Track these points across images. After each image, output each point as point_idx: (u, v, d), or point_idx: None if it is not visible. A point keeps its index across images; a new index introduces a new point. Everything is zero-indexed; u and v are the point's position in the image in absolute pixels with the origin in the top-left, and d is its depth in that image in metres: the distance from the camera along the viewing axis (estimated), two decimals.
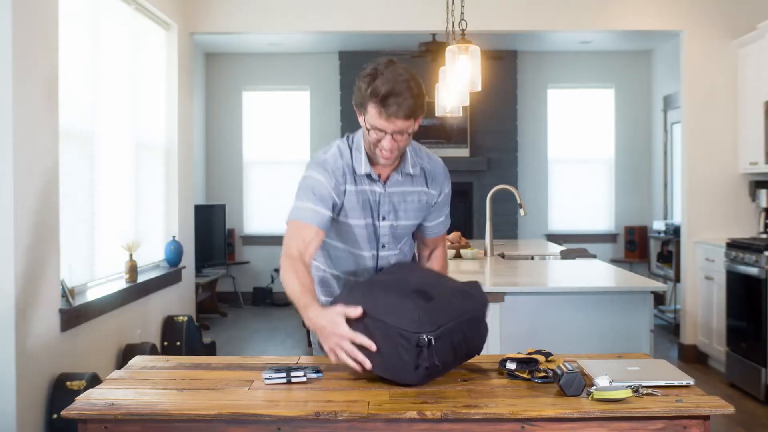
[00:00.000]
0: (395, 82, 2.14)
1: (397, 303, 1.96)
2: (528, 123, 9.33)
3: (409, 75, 2.18)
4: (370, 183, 2.34)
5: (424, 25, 6.21)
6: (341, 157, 2.33)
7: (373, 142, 2.23)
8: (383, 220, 2.38)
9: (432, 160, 2.44)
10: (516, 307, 3.50)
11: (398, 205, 2.38)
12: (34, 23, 3.62)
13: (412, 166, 2.36)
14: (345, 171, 2.32)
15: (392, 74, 2.15)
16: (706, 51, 6.15)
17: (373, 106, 2.17)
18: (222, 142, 9.44)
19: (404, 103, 2.14)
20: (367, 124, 2.22)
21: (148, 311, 5.20)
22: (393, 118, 2.16)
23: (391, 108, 2.14)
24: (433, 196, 2.43)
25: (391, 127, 2.18)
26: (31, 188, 3.58)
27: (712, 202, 6.14)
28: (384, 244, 2.42)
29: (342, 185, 2.32)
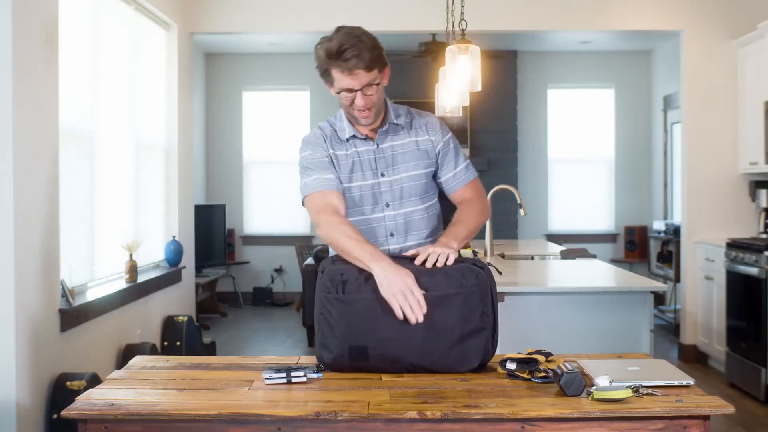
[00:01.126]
0: (347, 37, 2.19)
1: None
2: (528, 123, 9.33)
3: (360, 31, 2.23)
4: (359, 144, 2.37)
5: (424, 25, 6.21)
6: (320, 130, 2.41)
7: (347, 104, 2.28)
8: (382, 176, 2.37)
9: (422, 114, 2.46)
10: (516, 307, 3.50)
11: (396, 158, 2.38)
12: (34, 23, 3.62)
13: (396, 117, 2.38)
14: (325, 139, 2.38)
15: (342, 33, 2.21)
16: (706, 51, 6.15)
17: (334, 67, 2.21)
18: (222, 142, 9.44)
19: (361, 54, 2.18)
20: (335, 89, 2.27)
21: (148, 311, 5.20)
22: (355, 71, 2.19)
23: (350, 62, 2.18)
24: (433, 143, 2.41)
25: (358, 81, 2.21)
26: (31, 188, 3.58)
27: (712, 202, 6.14)
28: (388, 203, 2.38)
29: (327, 151, 2.36)
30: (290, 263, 9.37)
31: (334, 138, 2.38)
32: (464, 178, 2.45)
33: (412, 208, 2.41)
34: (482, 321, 2.07)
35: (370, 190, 2.37)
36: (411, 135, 2.40)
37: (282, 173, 9.47)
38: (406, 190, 2.38)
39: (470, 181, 2.46)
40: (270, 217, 9.49)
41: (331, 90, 2.31)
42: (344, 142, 2.37)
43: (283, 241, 9.39)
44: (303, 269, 6.92)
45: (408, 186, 2.38)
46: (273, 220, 9.49)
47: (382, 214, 2.39)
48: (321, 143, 2.37)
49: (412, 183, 2.39)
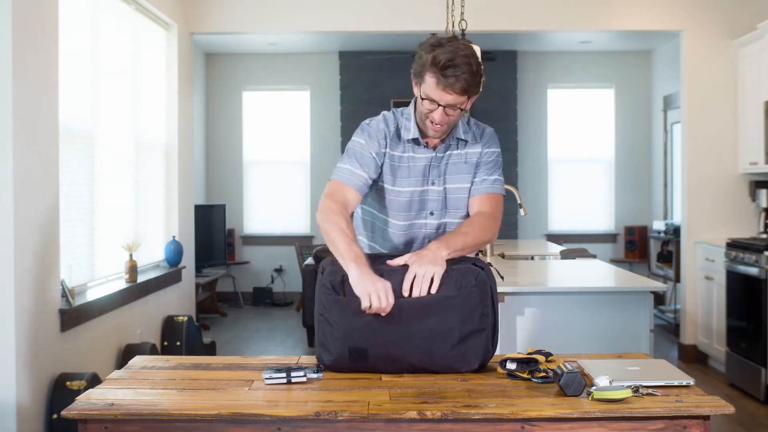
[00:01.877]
0: (456, 55, 2.14)
1: None
2: (528, 123, 9.33)
3: (471, 51, 2.18)
4: (416, 149, 2.35)
5: (424, 25, 6.21)
6: (385, 123, 2.36)
7: (424, 112, 2.24)
8: (432, 185, 2.36)
9: (479, 125, 2.44)
10: (516, 307, 3.50)
11: (448, 169, 2.36)
12: (34, 23, 3.63)
13: (464, 132, 2.36)
14: (386, 135, 2.34)
15: (454, 47, 2.16)
16: (706, 51, 6.15)
17: (431, 75, 2.17)
18: (222, 142, 9.44)
19: (462, 76, 2.15)
20: (422, 93, 2.23)
21: (148, 311, 5.20)
22: (449, 90, 2.16)
23: (449, 79, 2.15)
24: (479, 154, 2.39)
25: (446, 99, 2.18)
26: (31, 188, 3.58)
27: (712, 202, 6.14)
28: (432, 211, 2.38)
29: (383, 148, 2.33)
30: (290, 263, 9.37)
31: (395, 136, 2.35)
32: (487, 187, 2.37)
33: (454, 219, 2.40)
34: (482, 322, 2.07)
35: (419, 197, 2.37)
36: (467, 147, 2.38)
37: (282, 173, 9.48)
38: (452, 202, 2.38)
39: (491, 193, 2.37)
40: (270, 217, 9.49)
41: (416, 89, 2.28)
42: (403, 142, 2.35)
43: (283, 241, 9.39)
44: (303, 269, 6.93)
45: (454, 198, 2.38)
46: (273, 220, 9.49)
47: (425, 221, 2.39)
48: (380, 138, 2.34)
49: (458, 195, 2.38)
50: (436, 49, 2.17)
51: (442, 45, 2.17)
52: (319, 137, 9.40)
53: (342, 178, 2.31)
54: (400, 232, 2.39)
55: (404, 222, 2.38)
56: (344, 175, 2.31)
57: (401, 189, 2.35)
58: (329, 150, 9.33)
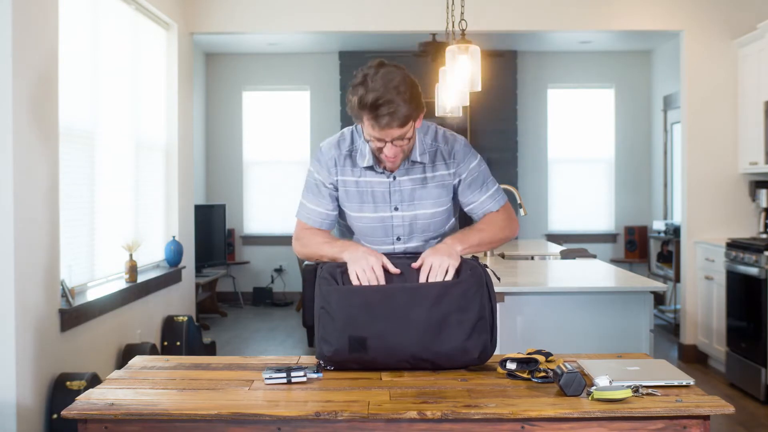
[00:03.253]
0: (385, 89, 2.05)
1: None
2: (528, 123, 9.33)
3: (400, 78, 2.08)
4: (375, 175, 2.27)
5: (424, 25, 6.21)
6: (338, 147, 2.29)
7: (375, 150, 2.19)
8: (395, 210, 2.28)
9: (449, 139, 2.31)
10: (516, 307, 3.50)
11: (413, 193, 2.27)
12: (33, 23, 3.63)
13: (420, 154, 2.25)
14: (336, 161, 2.28)
15: (381, 81, 2.06)
16: (706, 51, 6.15)
17: (366, 118, 2.10)
18: (222, 142, 9.44)
19: (397, 111, 2.06)
20: (365, 134, 2.17)
21: (148, 311, 5.20)
22: (388, 128, 2.08)
23: (384, 119, 2.06)
24: (453, 175, 2.29)
25: (389, 135, 2.11)
26: (31, 188, 3.58)
27: (712, 202, 6.14)
28: (399, 237, 2.31)
29: (333, 176, 2.28)
30: (290, 263, 9.37)
31: (348, 161, 2.26)
32: (490, 206, 2.33)
33: (422, 243, 2.33)
34: (480, 312, 2.08)
35: (381, 223, 2.29)
36: (432, 170, 2.28)
37: (282, 173, 9.48)
38: (420, 226, 2.31)
39: (500, 207, 2.35)
40: (270, 217, 9.49)
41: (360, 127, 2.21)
42: (360, 168, 2.27)
43: (283, 241, 9.39)
44: (303, 269, 6.93)
45: (422, 223, 2.31)
46: (273, 220, 9.49)
47: (392, 246, 2.31)
48: (330, 166, 2.28)
49: (426, 220, 2.31)
50: (361, 90, 2.08)
51: (366, 82, 2.08)
52: (319, 137, 9.38)
53: (305, 218, 2.34)
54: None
55: (377, 247, 2.29)
56: (305, 215, 2.34)
57: (361, 215, 2.30)
58: None
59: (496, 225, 2.30)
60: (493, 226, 2.30)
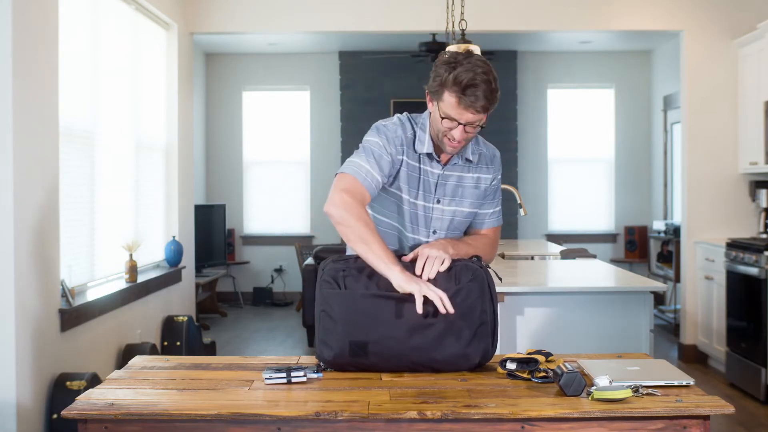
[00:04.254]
0: (476, 73, 2.12)
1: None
2: (528, 123, 9.33)
3: (488, 68, 2.17)
4: (428, 163, 2.30)
5: (424, 25, 6.21)
6: (402, 129, 2.31)
7: (443, 131, 2.21)
8: (438, 203, 2.32)
9: (488, 146, 2.41)
10: (516, 307, 3.50)
11: (455, 190, 2.33)
12: (34, 23, 3.63)
13: (472, 153, 2.33)
14: (404, 141, 2.29)
15: (473, 65, 2.14)
16: (706, 51, 6.15)
17: (451, 94, 2.14)
18: (222, 142, 9.44)
19: (483, 95, 2.13)
20: (441, 111, 2.19)
21: (148, 311, 5.20)
22: (470, 109, 2.14)
23: (470, 98, 2.13)
24: (488, 181, 2.38)
25: (466, 117, 2.16)
26: (31, 188, 3.58)
27: (712, 202, 6.14)
28: (435, 230, 2.33)
29: (399, 155, 2.28)
30: (290, 263, 9.37)
31: (411, 145, 2.30)
32: (492, 221, 2.43)
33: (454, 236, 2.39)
34: (481, 317, 2.08)
35: (423, 212, 2.33)
36: (476, 171, 2.35)
37: (282, 173, 9.48)
38: (456, 223, 2.36)
39: (495, 227, 2.45)
40: (270, 217, 9.49)
41: (431, 105, 2.23)
42: (416, 154, 2.29)
43: (283, 241, 9.39)
44: (303, 269, 6.92)
45: (459, 220, 2.36)
46: (273, 220, 9.49)
47: (428, 239, 2.33)
48: (397, 144, 2.28)
49: (463, 218, 2.37)
50: (457, 68, 2.14)
51: (461, 63, 2.15)
52: (319, 137, 9.40)
53: (358, 176, 2.20)
54: (407, 243, 2.34)
55: (411, 234, 2.33)
56: (361, 174, 2.21)
57: (414, 201, 2.32)
58: (329, 150, 9.33)
59: (482, 244, 2.37)
60: (480, 244, 2.36)
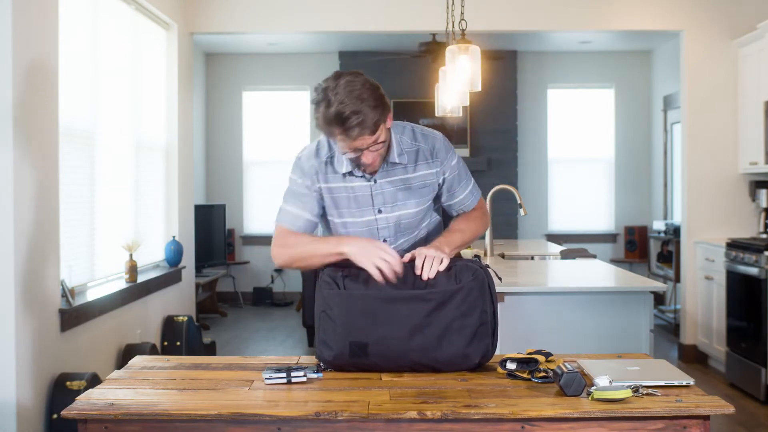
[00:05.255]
0: (350, 99, 2.04)
1: None
2: (528, 123, 9.33)
3: (361, 85, 2.07)
4: (355, 180, 2.27)
5: (424, 25, 6.21)
6: (316, 156, 2.29)
7: (353, 160, 2.19)
8: (379, 213, 2.30)
9: (428, 137, 2.32)
10: (516, 307, 3.50)
11: (395, 195, 2.29)
12: (34, 23, 3.63)
13: (399, 155, 2.26)
14: (318, 170, 2.27)
15: (344, 92, 2.05)
16: (706, 51, 6.15)
17: (337, 132, 2.09)
18: (222, 142, 9.44)
19: (365, 120, 2.06)
20: (340, 148, 2.16)
21: (148, 311, 5.20)
22: (359, 138, 2.08)
23: (354, 131, 2.06)
24: (436, 175, 2.32)
25: (363, 144, 2.12)
26: (31, 188, 3.58)
27: (712, 202, 6.14)
28: (385, 239, 2.32)
29: (316, 184, 2.28)
30: None
31: (330, 168, 2.26)
32: (473, 200, 2.42)
33: (409, 239, 2.37)
34: (481, 317, 2.08)
35: (367, 227, 2.31)
36: (414, 170, 2.29)
37: (282, 173, 9.40)
38: (404, 226, 2.34)
39: (477, 203, 2.44)
40: (270, 217, 9.43)
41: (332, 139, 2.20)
42: (340, 174, 2.27)
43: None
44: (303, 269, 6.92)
45: (406, 222, 2.34)
46: (273, 220, 9.46)
47: None
48: (312, 173, 2.27)
49: (410, 219, 2.34)
50: (326, 106, 2.06)
51: (329, 96, 2.05)
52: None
53: (287, 224, 2.29)
54: None
55: None
56: (287, 219, 2.29)
57: (348, 220, 2.30)
58: None
59: (473, 222, 2.39)
60: (470, 223, 2.37)
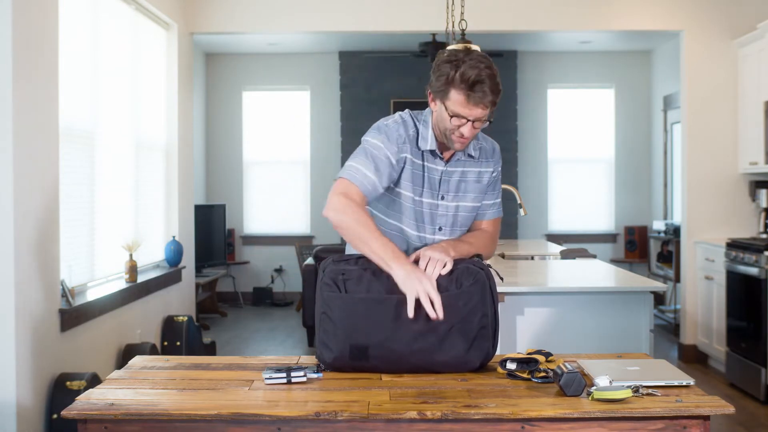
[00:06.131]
0: (481, 69, 2.14)
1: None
2: (528, 123, 9.33)
3: (490, 63, 2.18)
4: (431, 160, 2.31)
5: (424, 25, 6.21)
6: (404, 127, 2.30)
7: (450, 128, 2.21)
8: (442, 199, 2.32)
9: (487, 140, 2.43)
10: (516, 307, 3.50)
11: (459, 186, 2.34)
12: (34, 23, 3.63)
13: (473, 148, 2.35)
14: (406, 140, 2.29)
15: (476, 61, 2.15)
16: (706, 51, 6.15)
17: (459, 92, 2.15)
18: (222, 142, 9.44)
19: (490, 90, 2.15)
20: (448, 110, 2.19)
21: (148, 311, 5.20)
22: (480, 105, 2.16)
23: (478, 94, 2.14)
24: (490, 174, 2.39)
25: (475, 113, 2.17)
26: (31, 188, 3.58)
27: (712, 202, 6.14)
28: (441, 227, 2.34)
29: (403, 153, 2.28)
30: (290, 263, 9.37)
31: (414, 142, 2.29)
32: (493, 213, 2.45)
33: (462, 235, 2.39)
34: (482, 321, 2.08)
35: (429, 209, 2.33)
36: (478, 165, 2.36)
37: (282, 173, 9.48)
38: (461, 219, 2.37)
39: (496, 218, 2.46)
40: (270, 217, 9.49)
41: (433, 105, 2.24)
42: (420, 151, 2.30)
43: (283, 241, 9.39)
44: (303, 269, 6.92)
45: (463, 215, 2.37)
46: (273, 220, 9.49)
47: (433, 236, 2.34)
48: (399, 143, 2.27)
49: (468, 213, 2.38)
50: (460, 65, 2.14)
51: (464, 60, 2.15)
52: (319, 137, 9.39)
53: (355, 180, 2.21)
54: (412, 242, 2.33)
55: (416, 233, 2.33)
56: (357, 177, 2.21)
57: (420, 198, 2.32)
58: (329, 150, 9.33)
59: (482, 241, 2.38)
60: (480, 241, 2.37)
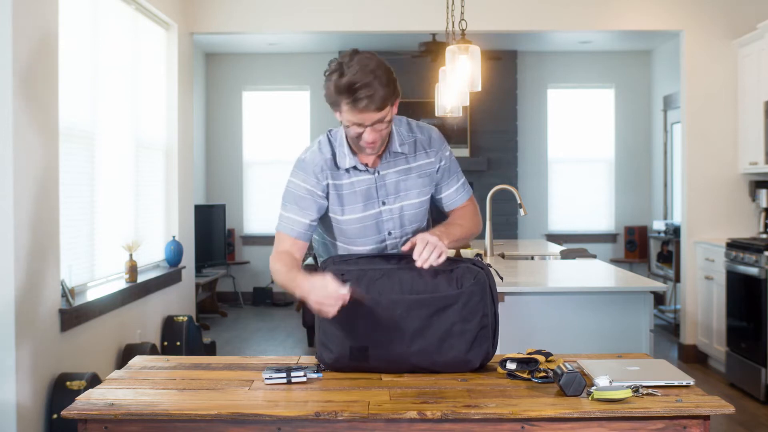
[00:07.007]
0: (362, 73, 2.09)
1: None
2: (528, 123, 9.33)
3: (376, 63, 2.13)
4: (357, 174, 2.28)
5: (424, 25, 6.21)
6: (320, 153, 2.29)
7: (353, 137, 2.19)
8: (383, 205, 2.30)
9: (423, 129, 2.36)
10: (516, 307, 3.50)
11: (397, 186, 2.30)
12: (34, 23, 3.62)
13: (400, 144, 2.29)
14: (324, 167, 2.27)
15: (358, 66, 2.10)
16: (706, 51, 6.15)
17: (344, 102, 2.11)
18: (222, 142, 9.44)
19: (375, 94, 2.08)
20: (344, 121, 2.18)
21: (148, 311, 5.20)
22: (366, 111, 2.10)
23: (362, 102, 2.09)
24: (433, 164, 2.33)
25: (368, 118, 2.13)
26: (31, 188, 3.58)
27: (712, 202, 6.14)
28: (390, 231, 2.33)
29: (324, 181, 2.27)
30: None
31: (333, 165, 2.27)
32: (463, 196, 2.41)
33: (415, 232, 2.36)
34: (482, 321, 2.08)
35: (373, 220, 2.31)
36: (414, 160, 2.31)
37: (282, 173, 9.45)
38: (408, 217, 2.34)
39: (468, 199, 2.43)
40: (270, 217, 9.48)
41: (337, 116, 2.22)
42: (343, 170, 2.27)
43: None
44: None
45: (410, 213, 2.34)
46: (273, 220, 9.43)
47: (384, 243, 2.34)
48: (316, 172, 2.27)
49: (413, 210, 2.34)
50: (338, 76, 2.10)
51: (343, 68, 2.11)
52: None
53: (284, 229, 2.30)
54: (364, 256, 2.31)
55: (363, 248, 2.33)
56: (286, 226, 2.30)
57: (351, 216, 2.30)
58: None
59: (470, 219, 2.39)
60: (467, 220, 2.38)
